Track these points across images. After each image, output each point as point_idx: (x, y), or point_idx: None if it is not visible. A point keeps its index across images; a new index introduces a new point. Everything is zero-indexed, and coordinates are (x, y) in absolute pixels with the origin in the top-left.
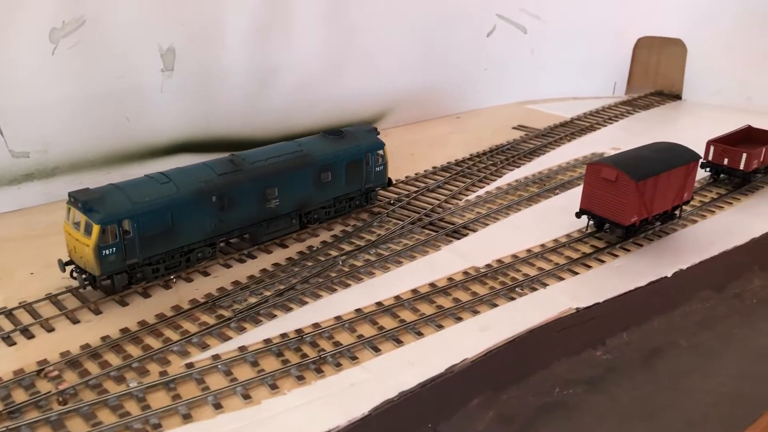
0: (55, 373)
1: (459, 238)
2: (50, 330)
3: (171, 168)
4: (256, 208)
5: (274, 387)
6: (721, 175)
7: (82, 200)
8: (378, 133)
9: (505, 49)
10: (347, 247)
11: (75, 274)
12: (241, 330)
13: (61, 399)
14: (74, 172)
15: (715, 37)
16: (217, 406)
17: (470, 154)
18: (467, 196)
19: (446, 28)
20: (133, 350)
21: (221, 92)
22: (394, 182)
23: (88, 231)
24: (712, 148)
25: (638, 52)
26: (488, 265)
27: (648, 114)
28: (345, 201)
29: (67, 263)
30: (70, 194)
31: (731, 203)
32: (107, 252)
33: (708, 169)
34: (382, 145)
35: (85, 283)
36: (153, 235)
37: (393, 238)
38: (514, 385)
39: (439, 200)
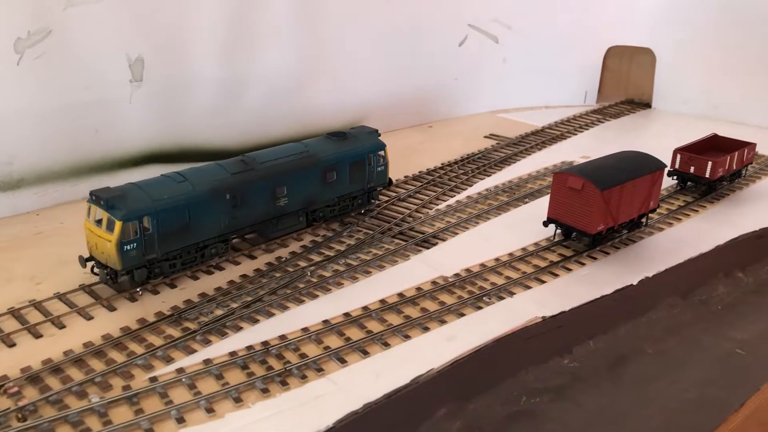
0: (15, 389)
1: (428, 248)
2: (11, 345)
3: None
4: (266, 206)
5: (238, 400)
6: (688, 183)
7: (104, 198)
8: (379, 135)
9: (477, 58)
10: (316, 258)
11: (96, 270)
12: (207, 343)
13: (20, 415)
14: (40, 184)
15: (684, 46)
16: (180, 420)
17: (441, 164)
18: (438, 205)
19: (418, 37)
20: (97, 365)
21: (191, 103)
22: (393, 182)
23: (110, 227)
24: (678, 157)
25: (609, 61)
26: (457, 275)
27: (618, 122)
28: (348, 200)
29: (88, 259)
30: (91, 192)
31: (697, 211)
32: (128, 247)
33: (675, 177)
34: (383, 146)
35: (107, 278)
36: (171, 232)
37: (363, 248)
38: (481, 395)
39: (410, 210)
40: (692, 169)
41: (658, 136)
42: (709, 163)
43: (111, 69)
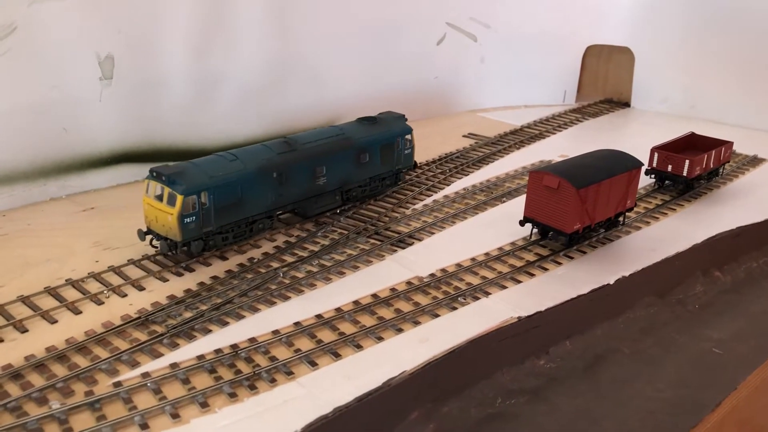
0: None
1: (404, 248)
2: None
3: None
4: (307, 185)
5: (204, 405)
6: (666, 182)
7: (165, 174)
8: (406, 120)
9: (456, 57)
10: (289, 259)
11: (155, 243)
12: (174, 346)
13: None
14: (7, 184)
15: (662, 45)
16: (144, 426)
17: (419, 163)
18: (414, 205)
19: (395, 36)
20: (59, 370)
21: (163, 101)
22: (418, 164)
23: (171, 201)
24: (656, 155)
25: (588, 60)
26: (432, 275)
27: (597, 122)
28: (378, 180)
29: (146, 233)
30: (152, 170)
31: (675, 209)
32: (188, 220)
33: (652, 175)
34: (410, 131)
35: (168, 249)
36: (225, 206)
37: (337, 249)
38: (455, 397)
39: (386, 209)
40: (670, 168)
41: (637, 135)
42: (687, 162)
43: (80, 67)
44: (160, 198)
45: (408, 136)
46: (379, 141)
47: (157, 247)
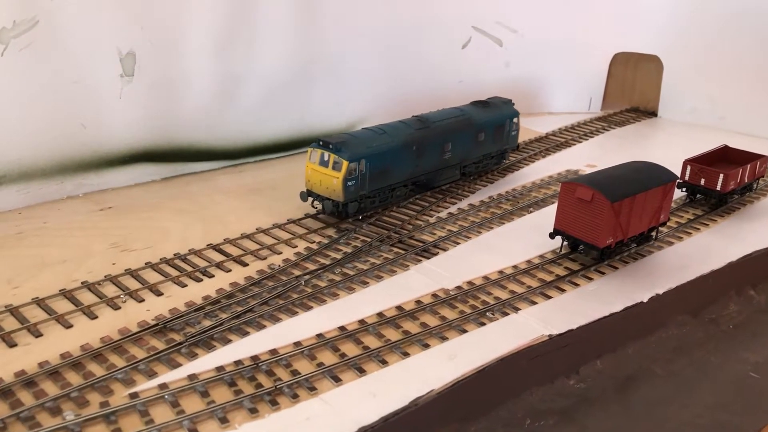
0: None
1: (428, 258)
2: None
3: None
4: (436, 159)
5: (224, 420)
6: (698, 196)
7: (332, 143)
8: (513, 104)
9: (481, 61)
10: (311, 266)
11: (315, 204)
12: (193, 356)
13: None
14: (24, 180)
15: (691, 55)
16: None
17: None
18: (438, 212)
19: (420, 38)
20: (73, 378)
21: (184, 100)
22: (520, 146)
23: (336, 167)
24: (688, 168)
25: (614, 68)
26: (458, 287)
27: (623, 131)
28: (489, 158)
29: (308, 194)
30: (318, 139)
31: (707, 224)
32: (350, 183)
33: (684, 189)
34: (517, 114)
35: (333, 208)
36: (376, 173)
37: (360, 257)
38: (482, 417)
39: (409, 217)
40: (702, 182)
41: (664, 146)
42: (721, 176)
43: (100, 63)
44: (325, 164)
45: (515, 120)
46: (493, 122)
47: (317, 208)
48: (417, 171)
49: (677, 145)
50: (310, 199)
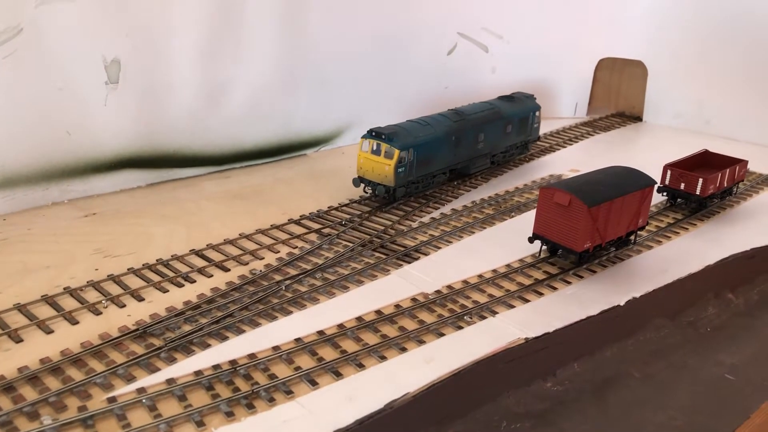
0: None
1: (410, 262)
2: None
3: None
4: (471, 148)
5: (200, 424)
6: (678, 200)
7: (385, 133)
8: (535, 99)
9: (466, 67)
10: (292, 271)
11: (367, 189)
12: (171, 360)
13: None
14: (9, 187)
15: (676, 59)
16: None
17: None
18: (421, 217)
19: (406, 44)
20: (52, 383)
21: (169, 107)
22: (541, 138)
23: (388, 155)
24: (668, 173)
25: (600, 73)
26: (438, 291)
27: (608, 135)
28: (514, 149)
29: (361, 180)
30: (370, 130)
31: (687, 228)
32: (400, 170)
33: (664, 193)
34: (539, 108)
35: (385, 192)
36: (422, 161)
37: (341, 262)
38: (459, 420)
39: (392, 221)
40: (682, 186)
41: (649, 150)
42: (700, 180)
43: (85, 70)
44: (377, 152)
45: (537, 113)
46: (518, 115)
47: (368, 192)
48: (455, 159)
49: (661, 149)
50: (362, 185)
